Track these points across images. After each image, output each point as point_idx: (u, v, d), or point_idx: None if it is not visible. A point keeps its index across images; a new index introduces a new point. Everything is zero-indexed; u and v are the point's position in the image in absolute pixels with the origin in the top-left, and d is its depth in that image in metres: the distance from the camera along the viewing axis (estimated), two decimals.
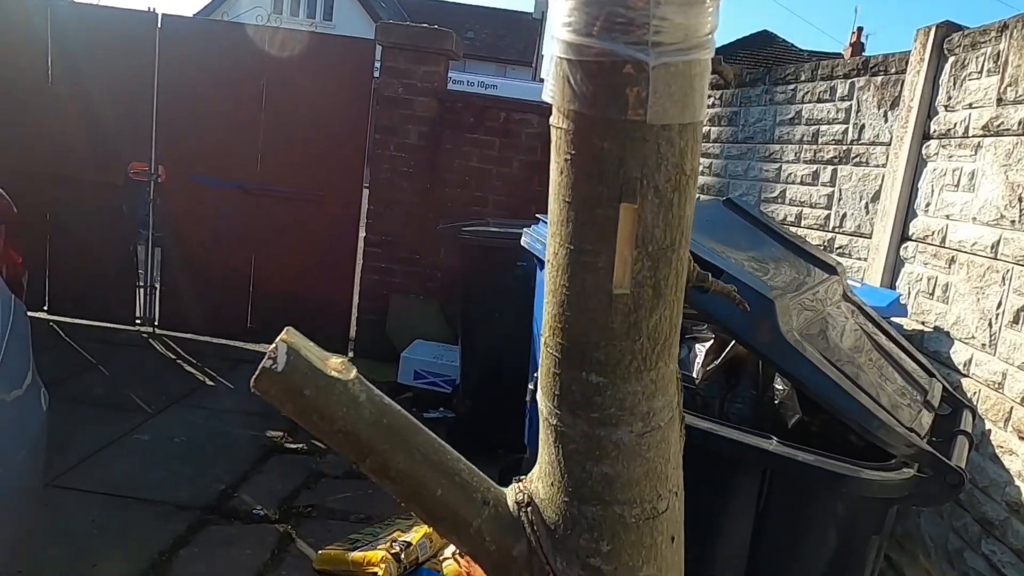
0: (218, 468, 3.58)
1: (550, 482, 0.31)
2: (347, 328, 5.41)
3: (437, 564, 2.73)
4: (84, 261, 5.27)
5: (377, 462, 0.28)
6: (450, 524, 0.30)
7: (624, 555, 0.34)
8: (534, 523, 0.32)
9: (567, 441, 0.31)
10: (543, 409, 0.32)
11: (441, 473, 0.29)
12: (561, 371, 0.31)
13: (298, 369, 0.27)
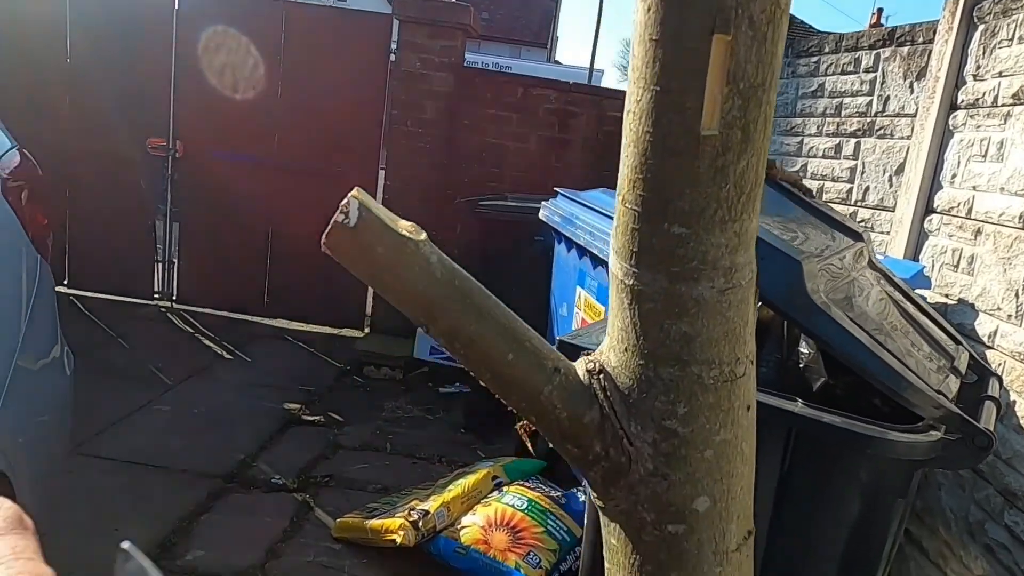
0: (237, 438, 3.61)
1: (623, 348, 0.31)
2: (363, 303, 5.42)
3: (455, 532, 2.74)
4: (103, 236, 5.31)
5: (447, 325, 0.27)
6: (519, 391, 0.29)
7: (701, 417, 0.34)
8: (607, 389, 0.31)
9: (644, 300, 0.30)
10: (617, 272, 0.31)
11: (512, 339, 0.29)
12: (640, 225, 0.30)
13: (370, 225, 0.27)
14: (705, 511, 0.32)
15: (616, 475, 0.32)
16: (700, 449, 0.32)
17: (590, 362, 0.34)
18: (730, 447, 0.36)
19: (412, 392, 4.53)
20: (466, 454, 3.78)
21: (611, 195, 3.60)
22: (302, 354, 5.01)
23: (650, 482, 0.31)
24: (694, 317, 0.34)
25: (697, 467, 0.32)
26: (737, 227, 0.35)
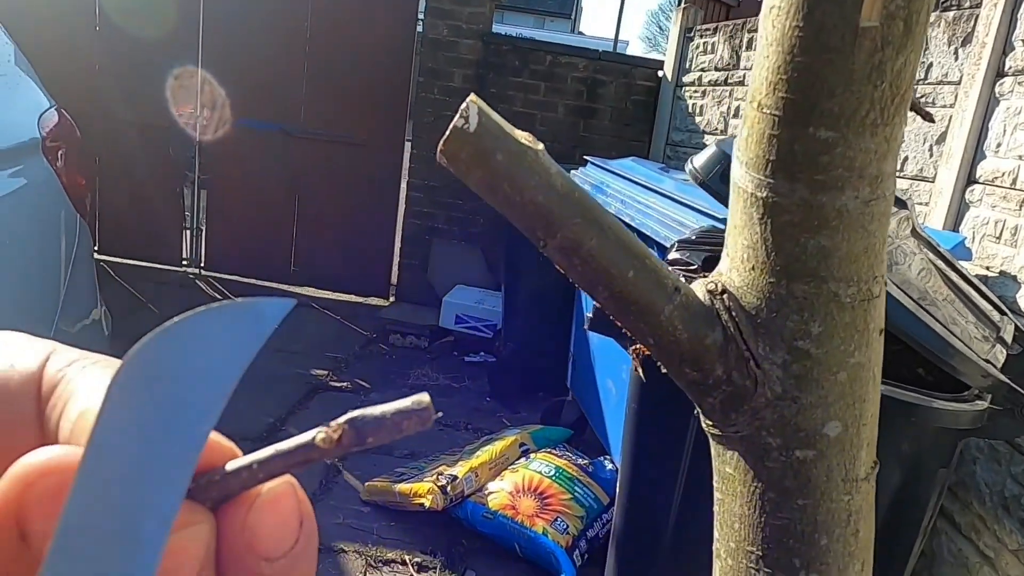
0: (266, 403, 3.65)
1: (750, 266, 0.29)
2: (389, 273, 5.44)
3: (482, 497, 2.76)
4: (132, 203, 5.35)
5: (568, 239, 0.26)
6: (639, 311, 0.28)
7: (836, 338, 0.32)
8: (731, 309, 0.30)
9: (780, 212, 0.29)
10: (747, 185, 0.29)
11: (632, 255, 0.27)
12: (780, 131, 0.29)
13: (490, 131, 0.25)
14: (836, 436, 0.30)
15: (738, 400, 0.30)
16: (833, 371, 0.31)
17: (710, 283, 0.32)
18: (864, 370, 0.35)
19: (437, 360, 4.54)
20: (492, 422, 3.80)
21: (642, 164, 3.55)
22: (328, 322, 5.04)
23: (777, 406, 0.30)
24: (834, 230, 0.32)
25: (830, 390, 0.31)
26: (888, 131, 0.33)
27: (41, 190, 1.81)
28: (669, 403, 1.78)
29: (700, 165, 1.56)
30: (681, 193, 2.63)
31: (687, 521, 1.80)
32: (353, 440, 0.18)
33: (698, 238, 2.09)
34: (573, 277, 0.30)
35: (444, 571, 2.60)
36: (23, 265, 1.72)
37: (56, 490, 0.18)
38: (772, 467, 0.31)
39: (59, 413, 0.23)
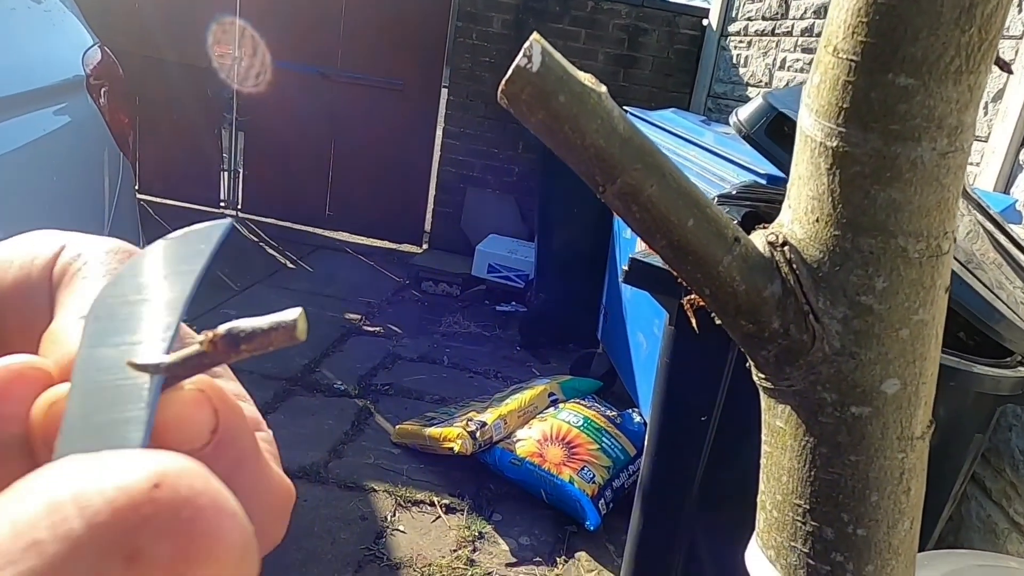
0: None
1: (814, 218, 0.29)
2: (423, 220, 5.45)
3: (511, 444, 2.80)
4: (171, 143, 5.39)
5: (628, 184, 0.26)
6: (697, 260, 0.27)
7: (901, 294, 0.32)
8: (792, 261, 0.29)
9: (850, 163, 0.28)
10: (816, 134, 0.28)
11: (693, 204, 0.27)
12: (856, 77, 0.28)
13: (553, 71, 0.25)
14: (894, 394, 0.30)
15: (794, 354, 0.30)
16: (896, 328, 0.30)
17: (771, 234, 0.32)
18: (927, 328, 0.34)
19: (469, 309, 4.57)
20: (521, 371, 3.83)
21: (683, 116, 3.48)
22: (362, 267, 5.08)
23: (835, 361, 0.30)
24: (907, 183, 0.31)
25: (890, 347, 0.30)
26: (972, 80, 0.32)
27: (85, 128, 1.84)
28: (701, 358, 1.77)
29: (745, 117, 1.52)
30: (722, 147, 2.57)
31: (714, 475, 1.81)
32: (227, 346, 0.21)
33: (738, 193, 2.05)
34: (631, 224, 0.30)
35: (471, 514, 2.66)
36: (68, 202, 1.75)
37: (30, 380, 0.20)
38: (825, 422, 0.30)
39: None
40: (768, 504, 0.32)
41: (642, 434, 2.79)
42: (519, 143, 4.98)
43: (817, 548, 0.30)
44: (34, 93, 1.68)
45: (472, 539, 2.54)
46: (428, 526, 2.58)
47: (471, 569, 2.39)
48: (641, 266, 1.76)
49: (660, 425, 1.88)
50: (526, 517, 2.70)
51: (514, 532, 2.61)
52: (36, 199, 1.62)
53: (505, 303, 4.66)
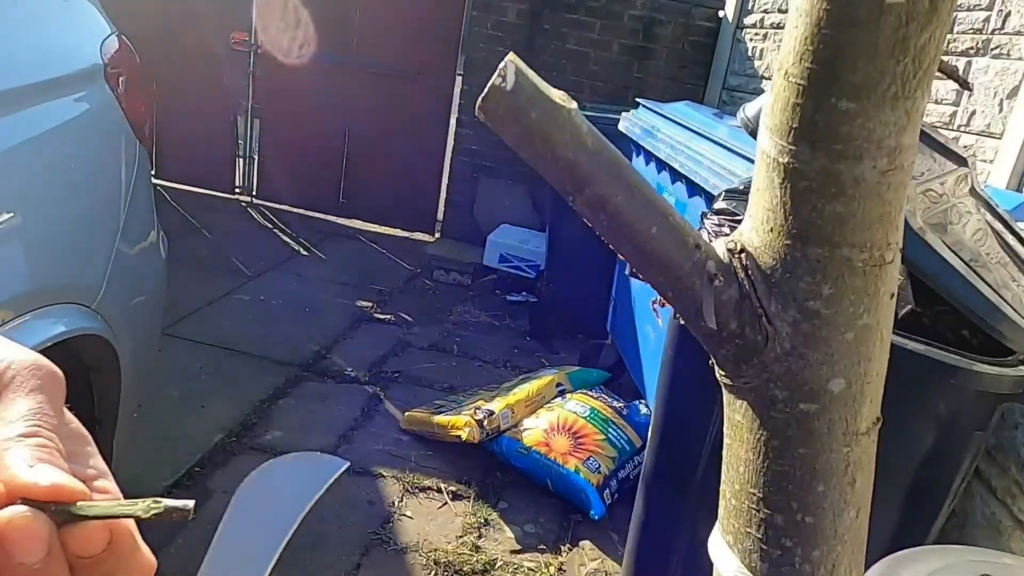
0: (312, 331, 3.77)
1: (768, 228, 0.31)
2: (435, 209, 5.47)
3: (518, 433, 2.84)
4: (187, 129, 5.44)
5: (594, 194, 0.28)
6: (659, 266, 0.29)
7: (846, 300, 0.34)
8: (748, 268, 0.31)
9: (799, 179, 0.30)
10: (770, 150, 0.30)
11: (656, 213, 0.29)
12: (804, 100, 0.30)
13: (525, 90, 0.27)
14: (839, 392, 0.32)
15: (749, 353, 0.32)
16: (841, 331, 0.32)
17: (730, 242, 0.34)
18: (871, 332, 0.36)
19: (479, 298, 4.60)
20: (530, 361, 3.86)
21: (696, 108, 3.48)
22: (374, 255, 5.12)
23: (786, 361, 0.32)
24: (851, 198, 0.33)
25: (836, 349, 0.32)
26: (908, 105, 0.34)
27: (103, 115, 1.87)
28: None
29: (752, 114, 1.53)
30: (734, 141, 2.58)
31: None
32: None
33: (746, 188, 2.06)
34: (599, 230, 0.32)
35: (478, 501, 2.70)
36: (87, 188, 1.79)
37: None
38: (777, 417, 0.32)
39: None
40: (728, 493, 0.34)
41: (648, 425, 2.82)
42: None
43: (769, 534, 0.32)
44: (54, 82, 1.71)
45: (478, 526, 2.58)
46: (435, 512, 2.62)
47: (476, 555, 2.43)
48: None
49: (663, 417, 1.90)
50: (532, 505, 2.74)
51: (520, 520, 2.65)
52: (56, 186, 1.66)
53: (516, 293, 4.69)
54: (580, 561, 2.51)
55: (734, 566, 0.33)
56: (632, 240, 0.32)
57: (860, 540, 0.33)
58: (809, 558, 0.32)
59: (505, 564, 2.43)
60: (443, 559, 2.39)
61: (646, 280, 0.33)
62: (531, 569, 2.43)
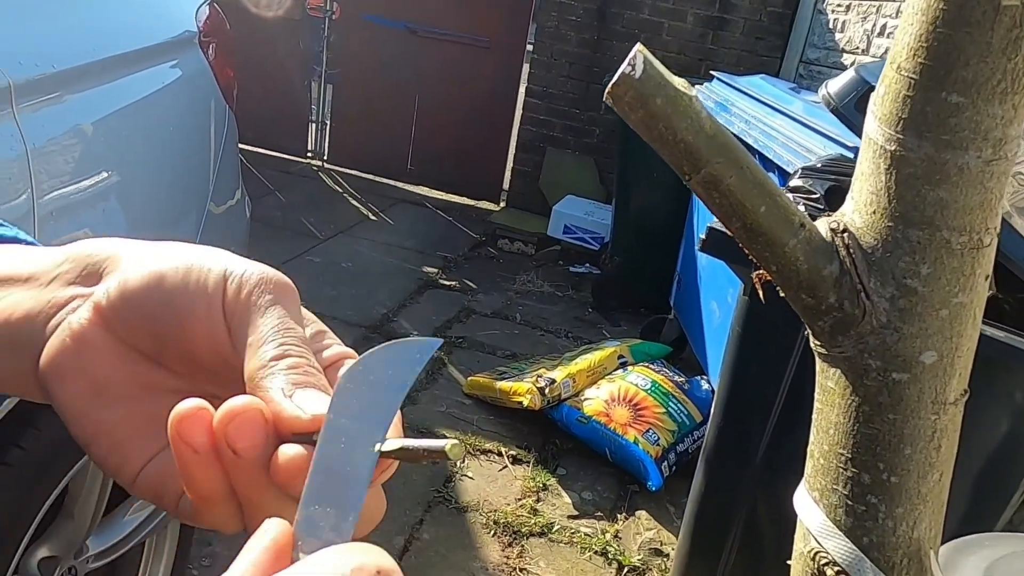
0: (379, 294, 3.87)
1: (871, 210, 0.33)
2: (501, 178, 5.51)
3: (578, 402, 2.88)
4: (264, 93, 5.58)
5: (710, 175, 0.30)
6: (765, 242, 0.32)
7: (943, 279, 0.36)
8: (849, 246, 0.34)
9: (905, 165, 0.32)
10: (878, 138, 0.33)
11: (765, 192, 0.31)
12: (915, 93, 0.32)
13: (652, 78, 0.29)
14: (931, 364, 0.34)
15: (846, 325, 0.35)
16: (936, 308, 0.35)
17: (833, 222, 0.36)
18: (965, 310, 0.38)
19: (543, 268, 4.64)
20: (592, 333, 3.89)
21: (772, 82, 3.40)
22: (440, 222, 5.20)
23: (881, 333, 0.34)
24: (954, 185, 0.35)
25: (930, 324, 0.34)
26: (1016, 99, 0.35)
27: (196, 81, 1.96)
28: (774, 331, 1.79)
29: (835, 91, 1.51)
30: (810, 117, 2.53)
31: (779, 445, 1.84)
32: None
33: (823, 166, 2.03)
34: (711, 208, 0.35)
35: (537, 466, 2.76)
36: (180, 153, 1.89)
37: (252, 419, 0.29)
38: (869, 385, 0.35)
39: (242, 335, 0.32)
40: (816, 453, 0.37)
41: (709, 401, 2.83)
42: (601, 104, 4.94)
43: (855, 491, 0.35)
44: (151, 49, 1.80)
45: (536, 490, 2.64)
46: (495, 474, 2.70)
47: (534, 518, 2.50)
48: (719, 236, 1.78)
49: (728, 393, 1.91)
50: (589, 473, 2.79)
51: (577, 487, 2.71)
52: (152, 149, 1.76)
53: (579, 264, 4.71)
54: (636, 530, 2.56)
55: (819, 519, 0.36)
56: (742, 217, 0.34)
57: (941, 501, 0.36)
58: (892, 515, 0.34)
59: (562, 528, 2.50)
60: (502, 520, 2.46)
61: (752, 255, 0.36)
62: (587, 534, 2.49)
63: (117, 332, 0.32)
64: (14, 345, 0.33)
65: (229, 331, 0.32)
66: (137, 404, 0.33)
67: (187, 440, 0.28)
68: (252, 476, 0.29)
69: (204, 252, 0.34)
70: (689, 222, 3.63)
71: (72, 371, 0.32)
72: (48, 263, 0.34)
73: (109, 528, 1.54)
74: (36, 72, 1.36)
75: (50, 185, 1.38)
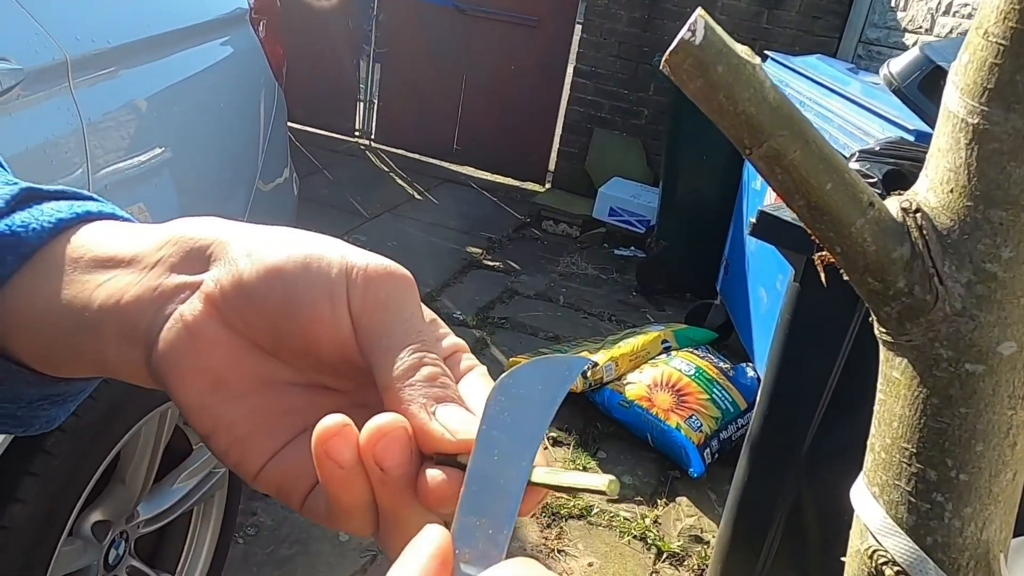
0: (424, 273, 3.89)
1: (948, 189, 0.31)
2: (547, 159, 5.47)
3: (620, 386, 2.86)
4: (313, 71, 5.63)
5: (772, 149, 0.29)
6: (830, 221, 0.30)
7: None
8: (922, 227, 0.32)
9: (989, 140, 0.30)
10: (959, 110, 0.30)
11: (832, 169, 0.29)
12: (1004, 61, 0.29)
13: (714, 44, 0.28)
14: (1009, 355, 0.32)
15: (916, 312, 0.32)
16: (1018, 295, 0.32)
17: (905, 201, 0.34)
18: None
19: (587, 250, 4.61)
20: (636, 317, 3.86)
21: (829, 63, 3.30)
22: (485, 202, 5.19)
23: (955, 321, 0.32)
24: None
25: (1011, 312, 0.32)
26: None
27: (246, 58, 1.98)
28: (824, 319, 1.74)
29: (898, 70, 1.45)
30: (868, 98, 2.44)
31: (827, 436, 1.80)
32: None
33: (882, 149, 1.95)
34: (772, 184, 0.33)
35: (577, 448, 2.76)
36: (230, 128, 1.91)
37: (399, 439, 0.29)
38: (939, 376, 0.33)
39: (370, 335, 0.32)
40: (877, 446, 0.35)
41: (754, 389, 2.78)
42: (650, 84, 4.87)
43: (920, 488, 0.33)
44: (203, 25, 1.82)
45: None
46: None
47: (573, 500, 2.50)
48: (769, 219, 1.74)
49: (775, 381, 1.87)
50: (630, 458, 2.77)
51: (618, 471, 2.69)
52: (203, 125, 1.78)
53: (624, 247, 4.66)
54: (676, 516, 2.54)
55: (879, 516, 0.34)
56: (805, 195, 0.32)
57: (1014, 502, 0.33)
58: (960, 514, 0.32)
59: (601, 512, 2.49)
60: None
61: (815, 235, 0.34)
62: (627, 519, 2.48)
63: (233, 325, 0.32)
64: (124, 331, 0.33)
65: (355, 330, 0.31)
66: (257, 399, 0.32)
67: (334, 457, 0.28)
68: (397, 491, 0.29)
69: (318, 242, 0.33)
70: (738, 206, 3.56)
71: (189, 365, 0.31)
72: (150, 244, 0.33)
73: (159, 495, 1.58)
74: (92, 48, 1.39)
75: (105, 160, 1.40)
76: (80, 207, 0.36)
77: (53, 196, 0.36)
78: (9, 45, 1.21)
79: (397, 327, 0.31)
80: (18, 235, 0.34)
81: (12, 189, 0.35)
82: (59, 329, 0.33)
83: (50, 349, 0.34)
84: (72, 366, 0.35)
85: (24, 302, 0.33)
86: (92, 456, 1.32)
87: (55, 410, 0.39)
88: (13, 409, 0.37)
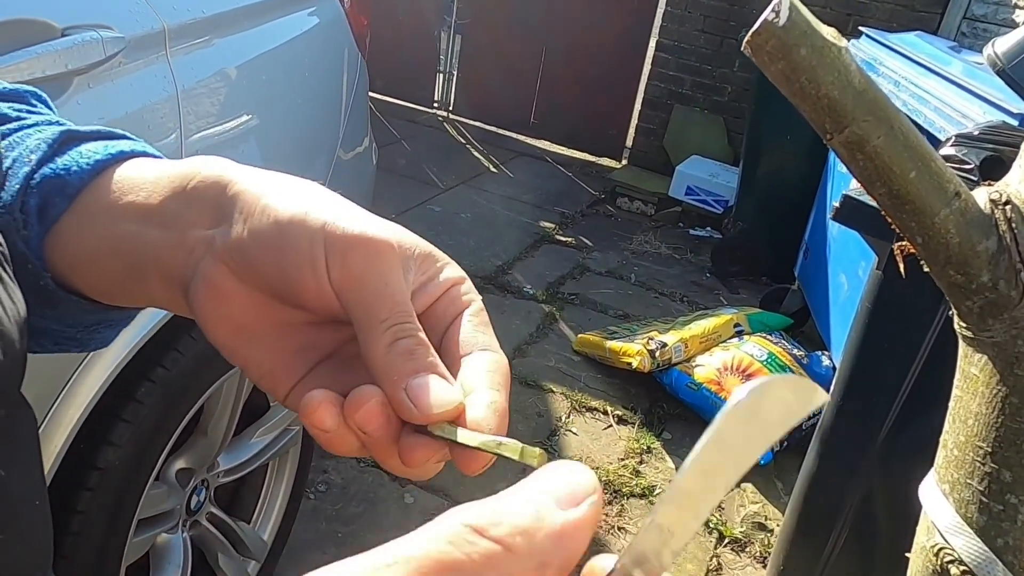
0: (495, 246, 3.92)
1: None
2: (624, 134, 5.40)
3: (689, 368, 2.83)
4: (394, 42, 5.68)
5: (855, 134, 0.28)
6: (913, 210, 0.29)
7: None
8: (1012, 220, 0.31)
9: None
10: None
11: (917, 156, 0.29)
12: None
13: (798, 26, 0.27)
14: None
15: (999, 307, 0.31)
16: None
17: (995, 192, 0.32)
18: None
19: (661, 229, 4.54)
20: (709, 298, 3.79)
21: (928, 40, 3.13)
22: (560, 177, 5.17)
23: None
24: None
25: None
26: None
27: (331, 29, 2.01)
28: (908, 309, 1.68)
29: (1004, 50, 1.36)
30: (969, 79, 2.31)
31: (903, 431, 1.74)
32: None
33: (981, 133, 1.85)
34: (854, 171, 0.32)
35: (642, 428, 2.75)
36: (314, 98, 1.95)
37: (374, 408, 0.31)
38: (1021, 375, 0.32)
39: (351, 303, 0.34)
40: (950, 443, 0.34)
41: (829, 378, 2.70)
42: (735, 61, 4.72)
43: (993, 488, 0.32)
44: None
45: (640, 452, 2.63)
46: (599, 433, 2.70)
47: (636, 479, 2.50)
48: (854, 204, 1.68)
49: (851, 371, 1.82)
50: (695, 440, 2.71)
51: (682, 452, 2.67)
52: (289, 93, 1.83)
53: (700, 227, 4.57)
54: (740, 502, 2.51)
55: (948, 514, 0.33)
56: (888, 183, 0.31)
57: None
58: None
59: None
60: (604, 478, 2.47)
61: (895, 224, 0.33)
62: None
63: (244, 279, 0.35)
64: (164, 280, 0.37)
65: (337, 298, 0.34)
66: (277, 340, 0.36)
67: (318, 425, 0.32)
68: (383, 446, 0.32)
69: (308, 202, 0.35)
70: (822, 189, 3.44)
71: (213, 316, 0.35)
72: (179, 195, 0.37)
73: (238, 448, 1.66)
74: (188, 17, 1.44)
75: (197, 126, 1.46)
76: (114, 147, 0.40)
77: (90, 137, 0.40)
78: (113, 14, 1.27)
79: (375, 302, 0.33)
80: (62, 177, 0.38)
81: (53, 131, 0.40)
82: (108, 272, 0.38)
83: (105, 285, 0.39)
84: (124, 300, 0.40)
85: (75, 242, 0.38)
86: (178, 407, 1.39)
87: (108, 332, 0.44)
88: (73, 332, 0.42)
